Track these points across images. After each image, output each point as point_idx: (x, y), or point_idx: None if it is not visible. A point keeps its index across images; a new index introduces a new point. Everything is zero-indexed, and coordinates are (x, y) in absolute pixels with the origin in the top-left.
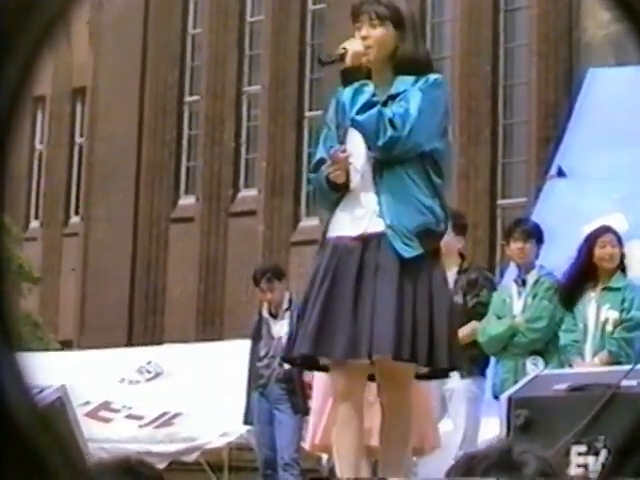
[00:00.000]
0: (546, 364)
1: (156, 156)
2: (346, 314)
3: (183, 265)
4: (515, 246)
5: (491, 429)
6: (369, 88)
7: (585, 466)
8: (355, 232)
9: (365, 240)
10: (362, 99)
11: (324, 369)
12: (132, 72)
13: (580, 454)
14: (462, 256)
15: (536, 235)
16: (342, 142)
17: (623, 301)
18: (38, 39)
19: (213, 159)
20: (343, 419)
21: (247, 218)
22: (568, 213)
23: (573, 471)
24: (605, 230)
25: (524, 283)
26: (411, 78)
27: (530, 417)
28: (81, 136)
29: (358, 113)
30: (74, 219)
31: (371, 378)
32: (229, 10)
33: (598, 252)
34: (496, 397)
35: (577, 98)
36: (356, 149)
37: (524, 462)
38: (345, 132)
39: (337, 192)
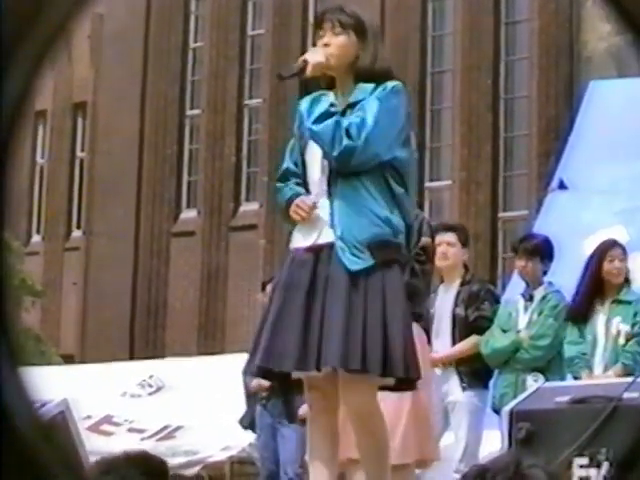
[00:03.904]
0: (547, 381)
1: (157, 170)
2: (297, 326)
3: (184, 279)
4: (519, 263)
5: (492, 442)
6: (327, 98)
7: (587, 479)
8: (307, 243)
9: (317, 251)
10: (319, 109)
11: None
12: (133, 86)
13: (582, 467)
14: (466, 268)
15: (541, 252)
16: (303, 153)
17: (635, 314)
18: (39, 53)
19: (214, 173)
20: (317, 437)
21: (248, 232)
22: (569, 226)
23: None
24: (613, 244)
25: (531, 298)
26: (370, 86)
27: (532, 430)
28: (82, 151)
29: (314, 123)
30: (75, 233)
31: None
32: (230, 24)
33: (607, 266)
34: (495, 411)
35: (578, 111)
36: (315, 160)
37: (535, 477)
38: (306, 144)
39: (292, 223)
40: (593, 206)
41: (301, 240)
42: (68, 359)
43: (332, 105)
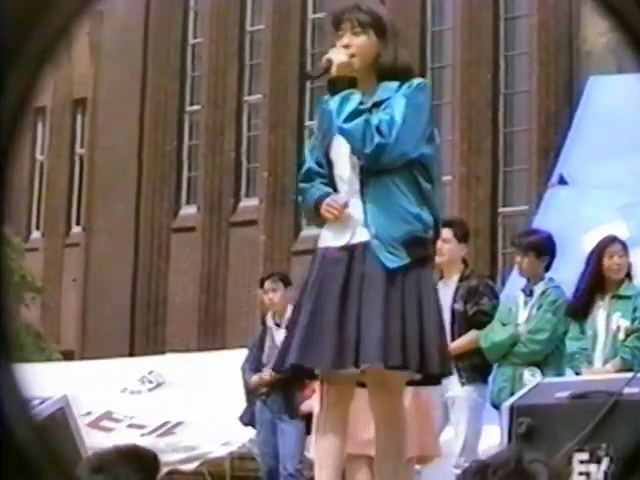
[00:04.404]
0: (544, 375)
1: (157, 166)
2: (332, 324)
3: (184, 275)
4: (516, 259)
5: (492, 437)
6: (356, 96)
7: (587, 474)
8: (340, 242)
9: (351, 250)
10: (349, 107)
11: (315, 377)
12: (132, 82)
13: (582, 462)
14: (465, 263)
15: (537, 248)
16: (327, 152)
17: (635, 310)
18: (42, 53)
19: (214, 169)
20: (329, 428)
21: (248, 228)
22: (569, 221)
23: (575, 479)
24: (612, 240)
25: (531, 293)
26: (394, 84)
27: (532, 425)
28: (82, 147)
29: (345, 121)
30: (75, 229)
31: None
32: (229, 20)
33: (607, 262)
34: (494, 405)
35: (578, 106)
36: (342, 158)
37: (536, 472)
38: (330, 142)
39: (320, 222)
40: (593, 201)
41: (332, 239)
42: (68, 355)
43: (361, 103)
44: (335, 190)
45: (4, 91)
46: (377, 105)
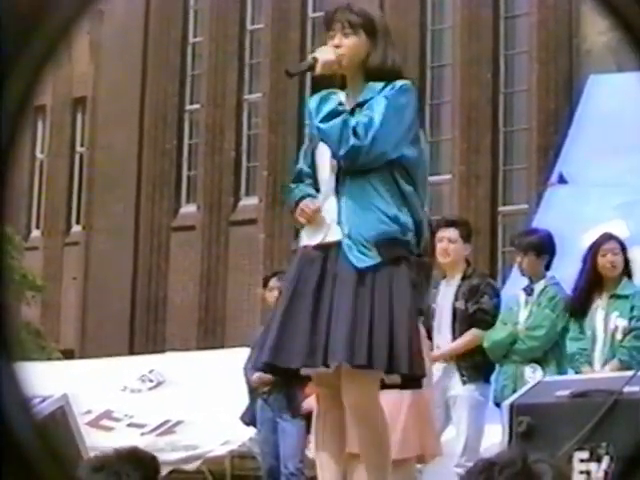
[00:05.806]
0: (544, 372)
1: (157, 165)
2: (305, 323)
3: (184, 274)
4: (517, 259)
5: (494, 436)
6: (335, 97)
7: (587, 473)
8: (315, 241)
9: (325, 249)
10: (327, 107)
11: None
12: (132, 81)
13: (582, 461)
14: (467, 262)
15: (537, 248)
16: (313, 153)
17: (632, 309)
18: (42, 54)
19: (214, 168)
20: (327, 431)
21: (248, 227)
22: (569, 220)
23: (576, 478)
24: (607, 238)
25: (532, 292)
26: (379, 85)
27: (532, 424)
28: (82, 145)
29: (322, 121)
30: (75, 228)
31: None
32: (229, 19)
33: (601, 261)
34: (497, 404)
35: (578, 105)
36: (323, 160)
37: (542, 472)
38: (316, 144)
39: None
40: (592, 200)
41: (308, 238)
42: (68, 354)
43: (340, 104)
44: (319, 191)
45: (4, 92)
46: (360, 105)
